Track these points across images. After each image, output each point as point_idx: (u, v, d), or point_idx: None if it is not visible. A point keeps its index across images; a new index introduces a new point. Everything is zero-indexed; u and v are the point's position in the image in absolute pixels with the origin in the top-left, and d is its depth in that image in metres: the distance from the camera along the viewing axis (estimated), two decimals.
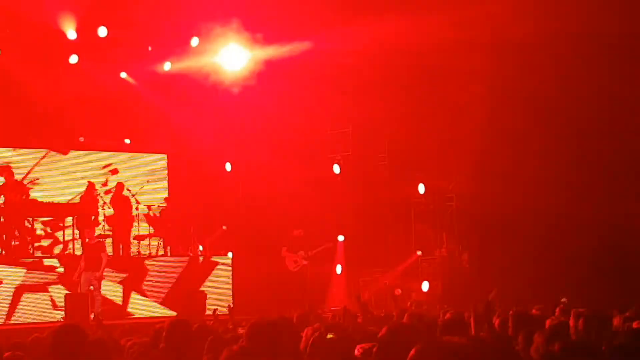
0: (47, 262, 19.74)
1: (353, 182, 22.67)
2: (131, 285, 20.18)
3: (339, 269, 22.20)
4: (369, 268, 21.93)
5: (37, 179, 22.04)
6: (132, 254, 21.25)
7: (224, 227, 22.63)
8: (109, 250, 20.61)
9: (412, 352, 4.43)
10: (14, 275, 19.16)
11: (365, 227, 22.44)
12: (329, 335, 6.95)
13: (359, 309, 12.77)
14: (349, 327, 9.83)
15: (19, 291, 19.03)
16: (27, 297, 19.00)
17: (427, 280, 20.84)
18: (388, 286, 19.39)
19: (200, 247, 21.88)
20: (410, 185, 21.71)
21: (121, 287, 20.00)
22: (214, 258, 21.46)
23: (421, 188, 21.60)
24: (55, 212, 21.04)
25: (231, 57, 21.11)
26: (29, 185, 21.63)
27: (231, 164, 23.60)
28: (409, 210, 22.19)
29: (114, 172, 22.94)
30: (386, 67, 20.20)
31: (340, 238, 22.25)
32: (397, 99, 20.69)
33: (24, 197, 20.85)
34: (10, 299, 18.92)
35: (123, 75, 22.13)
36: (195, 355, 7.75)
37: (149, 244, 21.94)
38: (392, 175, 22.18)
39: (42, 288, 19.12)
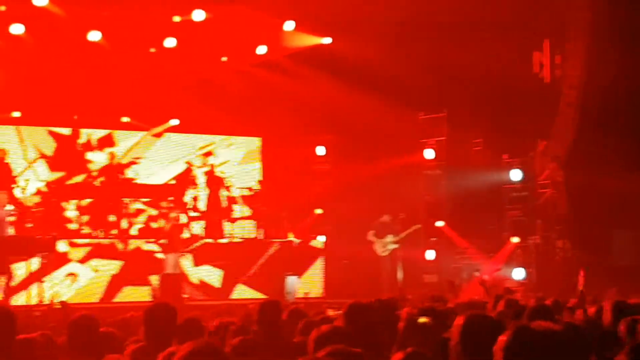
0: (141, 243, 20.09)
1: (446, 167, 22.52)
2: (223, 267, 20.38)
3: (430, 254, 22.08)
4: (460, 254, 21.80)
5: (139, 158, 22.42)
6: (225, 237, 21.45)
7: (318, 211, 22.68)
8: (202, 232, 20.90)
9: (504, 337, 4.35)
10: (112, 255, 19.58)
11: (458, 212, 22.27)
12: (422, 320, 6.90)
13: (451, 294, 12.70)
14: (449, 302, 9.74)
15: (118, 271, 19.42)
16: (125, 277, 19.36)
17: (522, 267, 20.62)
18: (480, 274, 19.25)
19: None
20: (504, 171, 21.59)
21: (214, 269, 20.22)
22: (307, 241, 21.56)
23: (516, 174, 21.38)
24: (152, 193, 21.43)
25: None
26: (128, 166, 22.10)
27: (324, 148, 23.62)
28: (501, 196, 22.00)
29: (209, 154, 23.17)
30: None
31: (440, 223, 22.14)
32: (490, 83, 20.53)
33: (121, 177, 21.34)
34: (109, 279, 19.31)
35: (223, 59, 22.32)
36: (287, 337, 7.78)
37: (242, 227, 22.13)
38: (486, 161, 21.97)
39: (138, 269, 19.45)
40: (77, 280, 18.98)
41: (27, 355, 6.04)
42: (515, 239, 21.12)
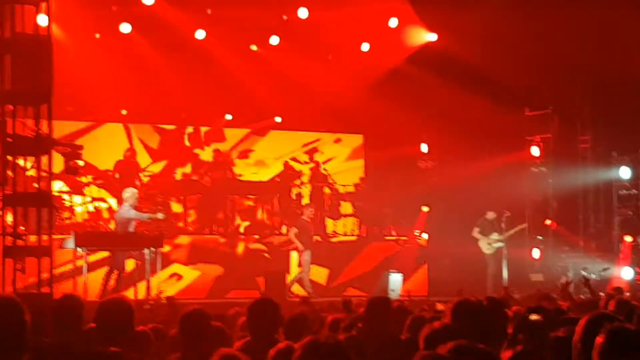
0: (249, 242, 20.30)
1: (553, 165, 22.19)
2: (327, 265, 20.42)
3: (536, 252, 21.78)
4: (566, 252, 21.47)
5: (246, 154, 22.72)
6: (328, 234, 21.52)
7: (425, 209, 22.58)
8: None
9: (600, 339, 4.23)
10: (218, 255, 19.81)
11: (564, 211, 21.92)
12: (534, 317, 6.79)
13: (562, 294, 12.48)
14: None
15: (225, 268, 19.60)
16: (232, 274, 19.51)
17: (631, 267, 20.19)
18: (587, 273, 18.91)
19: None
20: (612, 170, 21.18)
21: (318, 267, 20.28)
22: (410, 239, 21.50)
23: (625, 172, 20.94)
24: (258, 190, 21.64)
25: None
26: (234, 163, 22.45)
27: (427, 145, 23.52)
28: (610, 195, 21.58)
29: (314, 151, 23.28)
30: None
31: (547, 222, 21.85)
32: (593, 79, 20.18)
33: (228, 174, 21.64)
34: (216, 275, 19.52)
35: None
36: (394, 332, 7.74)
37: (345, 224, 22.16)
38: (594, 158, 21.58)
39: (246, 270, 19.58)
40: (182, 278, 19.22)
41: (143, 347, 6.18)
42: (628, 238, 20.65)
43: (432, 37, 21.59)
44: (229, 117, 22.52)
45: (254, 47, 21.60)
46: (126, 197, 16.76)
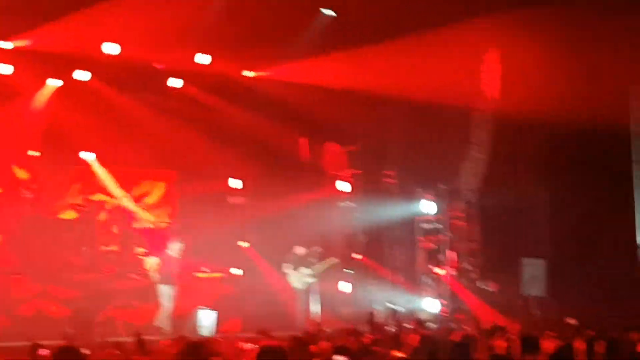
0: None
1: (361, 200, 22.68)
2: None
3: (345, 286, 22.20)
4: (375, 286, 22.00)
5: None
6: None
7: (243, 244, 22.54)
8: None
9: None
10: None
11: (373, 244, 22.47)
12: (339, 359, 6.94)
13: (369, 326, 12.76)
14: None
15: None
16: None
17: (435, 298, 20.87)
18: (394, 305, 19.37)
19: None
20: (416, 204, 21.86)
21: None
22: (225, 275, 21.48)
23: (429, 206, 21.70)
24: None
25: None
26: None
27: (241, 181, 23.58)
28: (415, 228, 22.25)
29: (127, 186, 22.98)
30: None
31: (356, 256, 22.32)
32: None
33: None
34: None
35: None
36: None
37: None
38: (399, 194, 22.26)
39: None
40: None
41: None
42: (441, 271, 21.38)
43: (248, 73, 21.77)
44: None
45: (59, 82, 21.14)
46: None
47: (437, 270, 21.66)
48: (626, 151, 21.63)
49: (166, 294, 18.58)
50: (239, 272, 21.84)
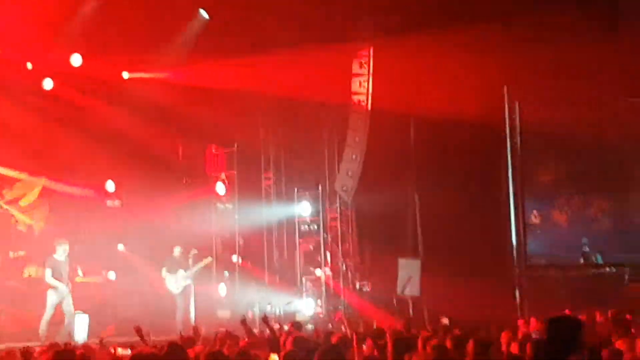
0: None
1: (238, 201, 22.64)
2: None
3: (222, 289, 22.14)
4: (253, 287, 22.00)
5: None
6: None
7: (121, 247, 22.22)
8: None
9: None
10: None
11: (251, 246, 22.46)
12: None
13: (243, 330, 12.75)
14: None
15: None
16: None
17: (312, 299, 20.98)
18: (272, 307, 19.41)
19: None
20: (294, 206, 21.96)
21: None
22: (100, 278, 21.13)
23: (306, 208, 21.82)
24: None
25: None
26: None
27: (114, 183, 23.22)
28: (293, 230, 22.37)
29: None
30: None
31: (234, 258, 22.24)
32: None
33: None
34: None
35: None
36: None
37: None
38: (277, 196, 22.33)
39: None
40: None
41: None
42: (319, 272, 21.53)
43: (125, 75, 21.53)
44: None
45: None
46: None
47: (315, 271, 21.82)
48: (501, 150, 22.21)
49: (53, 299, 18.18)
50: (114, 276, 21.51)
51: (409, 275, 20.87)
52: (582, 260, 23.90)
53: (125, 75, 21.55)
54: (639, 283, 23.08)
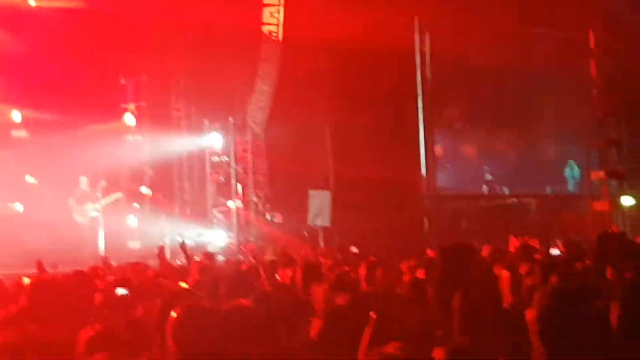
0: None
1: (148, 133, 22.40)
2: None
3: (132, 220, 22.00)
4: (164, 219, 21.93)
5: None
6: None
7: (30, 179, 21.81)
8: None
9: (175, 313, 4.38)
10: None
11: (160, 178, 22.32)
12: (120, 291, 6.87)
13: (158, 259, 12.70)
14: None
15: None
16: None
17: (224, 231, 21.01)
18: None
19: None
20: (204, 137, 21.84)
21: None
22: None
23: (216, 140, 21.76)
24: None
25: None
26: None
27: (20, 114, 22.74)
28: (203, 162, 22.27)
29: None
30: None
31: (144, 190, 22.03)
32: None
33: None
34: None
35: None
36: None
37: None
38: (187, 127, 22.17)
39: None
40: None
41: None
42: (229, 203, 21.53)
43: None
44: None
45: None
46: None
47: (226, 203, 21.79)
48: (412, 82, 22.35)
49: None
50: (20, 207, 21.15)
51: (319, 206, 21.01)
52: (485, 189, 24.37)
53: (32, 2, 20.98)
54: (543, 214, 23.68)
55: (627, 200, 21.64)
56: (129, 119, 22.34)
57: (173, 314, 4.37)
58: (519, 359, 3.97)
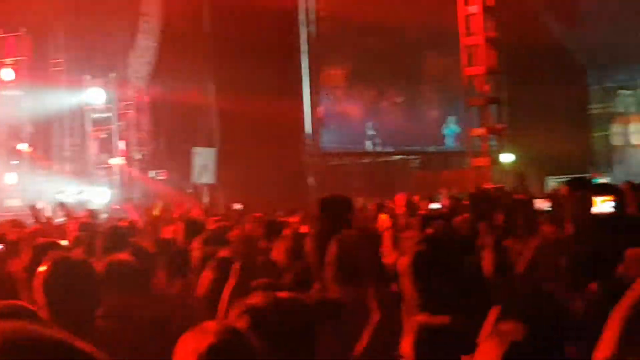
0: None
1: (27, 88, 21.84)
2: None
3: (11, 177, 21.50)
4: (43, 176, 21.50)
5: None
6: None
7: None
8: None
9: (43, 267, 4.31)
10: None
11: (40, 134, 21.85)
12: None
13: (34, 218, 12.45)
14: None
15: None
16: None
17: (106, 188, 20.73)
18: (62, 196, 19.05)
19: None
20: (85, 93, 21.42)
21: None
22: None
23: (98, 95, 21.35)
24: None
25: None
26: None
27: None
28: (84, 118, 21.86)
29: None
30: None
31: (22, 146, 21.52)
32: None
33: None
34: None
35: None
36: None
37: None
38: (67, 82, 21.68)
39: None
40: None
41: None
42: (111, 160, 21.22)
43: None
44: None
45: None
46: None
47: (108, 160, 21.44)
48: (297, 40, 22.32)
49: None
50: None
51: (204, 163, 20.90)
52: (368, 145, 24.60)
53: None
54: (425, 171, 24.08)
55: (506, 157, 22.12)
56: (7, 73, 21.72)
57: (41, 268, 4.26)
58: (393, 308, 4.01)
